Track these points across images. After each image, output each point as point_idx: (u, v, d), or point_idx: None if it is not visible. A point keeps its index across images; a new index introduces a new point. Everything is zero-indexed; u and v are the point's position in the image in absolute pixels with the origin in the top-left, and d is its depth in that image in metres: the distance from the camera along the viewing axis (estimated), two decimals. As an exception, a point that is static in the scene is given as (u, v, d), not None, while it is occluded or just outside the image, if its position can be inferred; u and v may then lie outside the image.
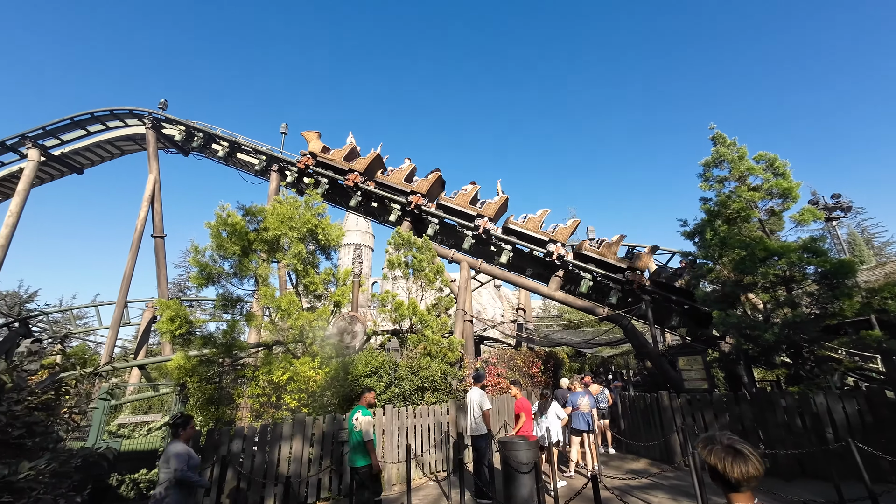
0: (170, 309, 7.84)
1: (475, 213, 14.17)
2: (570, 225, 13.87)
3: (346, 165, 15.52)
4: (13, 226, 15.95)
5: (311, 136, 16.29)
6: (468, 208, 14.29)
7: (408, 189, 14.80)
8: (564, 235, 13.56)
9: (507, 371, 12.72)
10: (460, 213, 14.47)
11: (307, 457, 6.81)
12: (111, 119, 18.00)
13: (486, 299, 52.60)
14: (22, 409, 2.94)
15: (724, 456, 1.48)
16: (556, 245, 13.26)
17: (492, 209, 14.24)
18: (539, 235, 13.67)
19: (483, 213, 14.17)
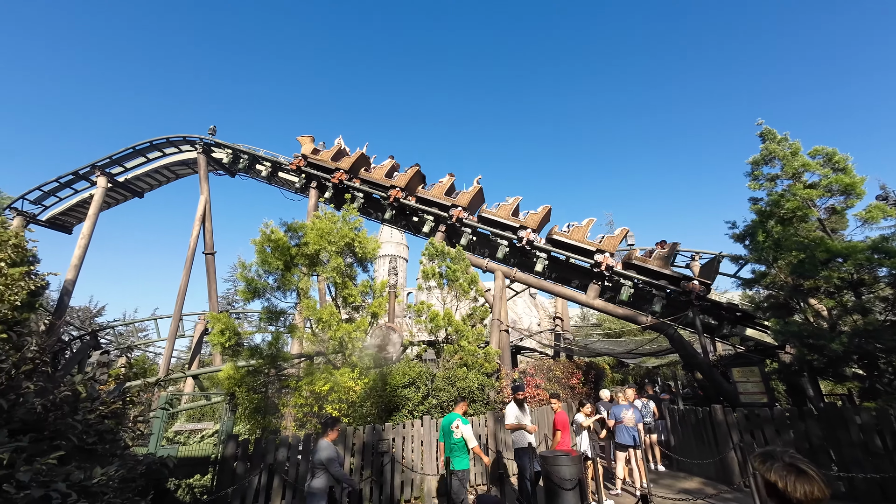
0: (220, 322, 8.30)
1: (518, 224, 14.06)
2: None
3: (333, 164, 16.55)
4: (85, 247, 17.57)
5: (304, 139, 17.51)
6: (511, 220, 14.19)
7: (449, 202, 14.88)
8: (613, 245, 13.07)
9: (545, 382, 12.40)
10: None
11: (349, 466, 6.92)
12: (167, 146, 19.55)
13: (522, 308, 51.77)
14: (94, 418, 3.21)
15: (786, 474, 1.39)
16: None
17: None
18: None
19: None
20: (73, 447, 2.90)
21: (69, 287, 16.97)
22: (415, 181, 15.89)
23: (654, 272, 12.60)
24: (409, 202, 15.41)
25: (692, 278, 12.12)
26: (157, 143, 19.32)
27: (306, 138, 17.51)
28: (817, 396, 9.34)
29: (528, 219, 14.11)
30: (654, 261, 12.95)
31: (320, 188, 16.86)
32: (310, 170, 16.94)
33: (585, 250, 13.34)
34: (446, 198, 15.05)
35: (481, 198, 15.49)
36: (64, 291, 16.99)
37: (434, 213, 15.12)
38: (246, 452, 6.33)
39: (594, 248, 13.19)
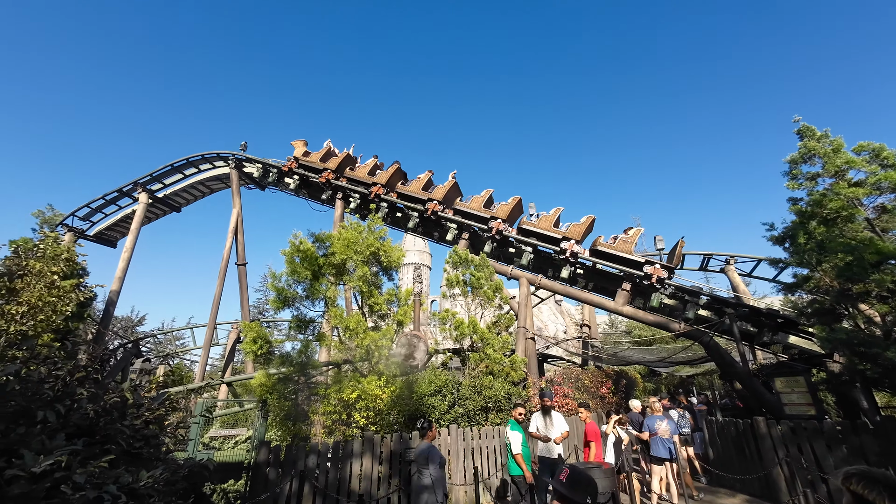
0: (252, 330, 8.58)
1: (560, 235, 13.88)
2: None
3: (321, 165, 17.73)
4: (128, 259, 18.61)
5: (297, 143, 18.88)
6: (553, 231, 14.02)
7: (488, 215, 14.85)
8: (678, 258, 12.58)
9: (573, 391, 12.12)
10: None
11: (377, 475, 6.95)
12: (202, 162, 20.54)
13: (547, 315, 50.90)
14: (140, 423, 3.39)
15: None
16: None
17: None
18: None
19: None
20: (122, 451, 3.06)
21: (114, 298, 17.97)
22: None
23: (619, 258, 12.76)
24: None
25: (654, 262, 12.21)
26: (193, 160, 20.33)
27: (299, 142, 18.81)
28: (872, 409, 8.70)
29: (571, 230, 13.78)
30: (619, 246, 13.22)
31: (345, 199, 17.26)
32: (301, 171, 18.25)
33: (634, 262, 12.93)
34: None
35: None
36: (109, 302, 18.00)
37: (458, 222, 15.17)
38: (277, 458, 6.47)
39: (643, 259, 12.85)
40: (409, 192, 16.22)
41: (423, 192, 16.04)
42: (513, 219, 15.20)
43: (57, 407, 2.96)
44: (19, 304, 8.81)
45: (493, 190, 15.76)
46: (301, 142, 18.86)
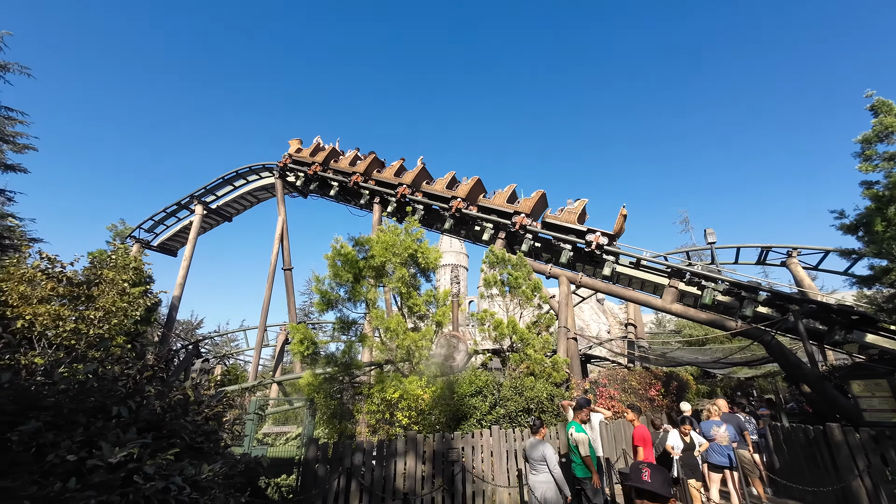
0: (299, 332, 8.96)
1: (585, 229, 13.60)
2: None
3: (310, 160, 19.52)
4: (187, 267, 20.08)
5: (293, 142, 20.82)
6: (577, 225, 13.76)
7: (511, 210, 14.81)
8: (619, 225, 12.89)
9: (620, 393, 11.64)
10: (569, 230, 13.94)
11: (420, 474, 7.03)
12: (250, 174, 21.77)
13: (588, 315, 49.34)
14: (201, 419, 3.64)
15: None
16: (594, 235, 13.01)
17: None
18: (578, 227, 13.28)
19: (594, 228, 13.52)
20: (185, 445, 3.30)
21: (175, 303, 19.45)
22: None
23: (564, 227, 13.68)
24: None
25: (596, 231, 13.15)
26: (242, 172, 21.60)
27: (295, 141, 20.89)
28: (972, 416, 7.68)
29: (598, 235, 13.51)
30: (564, 216, 13.98)
31: (382, 202, 17.64)
32: (295, 166, 20.09)
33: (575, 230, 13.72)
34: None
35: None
36: (172, 307, 19.50)
37: (494, 221, 15.06)
38: (325, 456, 6.71)
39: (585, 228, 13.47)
40: (435, 191, 16.46)
41: (447, 190, 16.27)
42: (537, 213, 15.05)
43: (129, 403, 3.25)
44: (96, 309, 9.74)
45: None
46: (296, 140, 20.92)
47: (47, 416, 3.16)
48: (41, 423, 3.03)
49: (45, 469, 2.88)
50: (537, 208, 15.00)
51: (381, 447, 7.02)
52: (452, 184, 16.68)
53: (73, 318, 9.32)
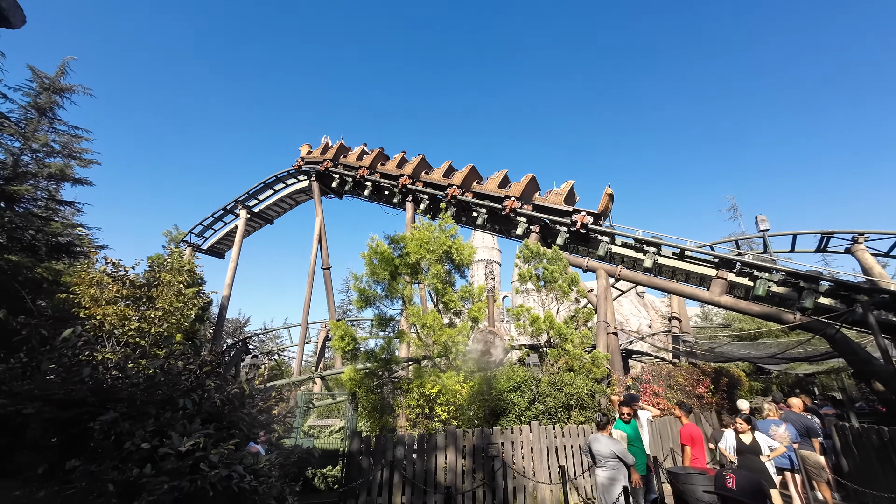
0: (340, 329, 9.27)
1: (571, 209, 14.03)
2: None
3: (321, 157, 20.81)
4: (234, 268, 21.22)
5: (303, 148, 22.31)
6: (563, 206, 14.06)
7: (570, 209, 14.49)
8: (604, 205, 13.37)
9: (664, 389, 11.19)
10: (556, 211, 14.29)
11: (461, 468, 7.10)
12: (289, 178, 22.65)
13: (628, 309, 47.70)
14: (256, 412, 3.86)
15: None
16: (580, 214, 13.50)
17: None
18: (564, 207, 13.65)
19: (580, 208, 13.96)
20: (243, 436, 3.53)
21: (225, 303, 20.63)
22: (530, 189, 15.88)
23: (551, 209, 14.16)
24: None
25: (581, 210, 13.67)
26: (281, 176, 22.51)
27: (305, 146, 22.47)
28: None
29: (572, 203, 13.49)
30: (551, 198, 14.41)
31: (415, 201, 17.83)
32: (308, 167, 21.47)
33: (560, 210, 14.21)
34: (565, 205, 14.73)
35: (535, 186, 15.61)
36: (222, 306, 20.69)
37: (528, 215, 14.85)
38: (368, 448, 6.92)
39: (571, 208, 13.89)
40: (487, 191, 16.28)
41: (499, 189, 16.04)
42: (527, 197, 15.29)
43: (193, 396, 3.51)
44: (156, 309, 10.55)
45: (506, 171, 16.09)
46: (306, 146, 22.63)
47: (122, 407, 3.47)
48: (118, 413, 3.33)
49: (123, 456, 3.17)
50: (527, 192, 15.34)
51: (422, 441, 7.15)
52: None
53: (136, 317, 10.14)
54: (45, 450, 3.47)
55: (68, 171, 13.77)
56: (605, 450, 5.18)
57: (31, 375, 3.92)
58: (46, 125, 13.82)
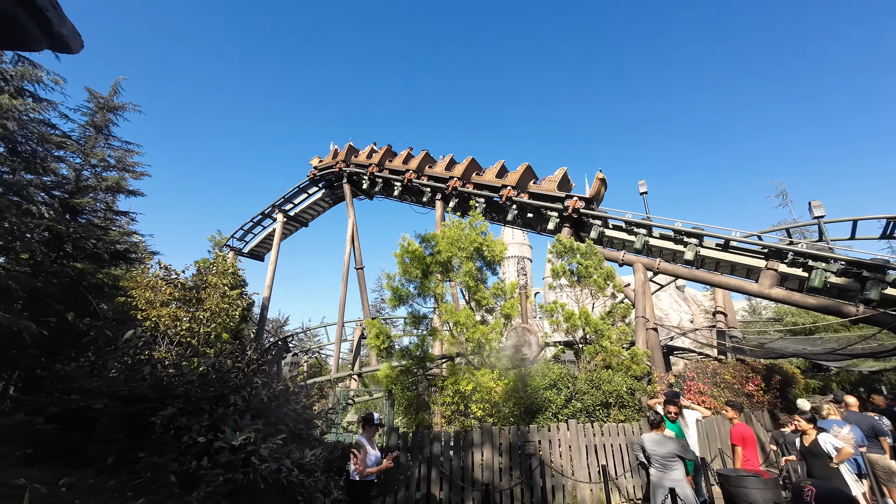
0: (374, 327, 9.47)
1: (563, 195, 14.19)
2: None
3: (332, 162, 21.87)
4: (273, 270, 22.15)
5: (314, 160, 23.27)
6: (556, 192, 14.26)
7: (563, 195, 14.53)
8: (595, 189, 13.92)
9: (710, 387, 10.67)
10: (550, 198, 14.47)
11: (497, 465, 7.09)
12: (321, 180, 23.32)
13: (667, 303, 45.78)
14: (300, 408, 4.02)
15: None
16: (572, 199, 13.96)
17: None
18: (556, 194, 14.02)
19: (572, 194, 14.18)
20: (289, 431, 3.68)
21: (266, 303, 21.56)
22: (526, 177, 15.97)
23: (545, 195, 14.55)
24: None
25: (573, 196, 13.91)
26: (315, 180, 23.21)
27: (315, 159, 23.58)
28: None
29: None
30: (545, 185, 14.76)
31: (444, 199, 17.87)
32: (321, 173, 22.50)
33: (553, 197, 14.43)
34: (497, 180, 15.74)
35: (531, 174, 15.79)
36: (263, 306, 21.65)
37: (557, 209, 14.55)
38: (406, 444, 7.03)
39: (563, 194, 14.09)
40: (485, 181, 16.65)
41: (496, 179, 16.31)
42: (523, 186, 15.41)
43: (242, 393, 3.70)
44: (204, 310, 11.18)
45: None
46: (316, 158, 23.73)
47: (179, 403, 3.71)
48: (175, 409, 3.57)
49: (182, 448, 3.40)
50: (523, 180, 15.75)
51: (458, 438, 7.19)
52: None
53: (187, 318, 10.78)
54: (114, 442, 3.77)
55: (123, 183, 14.78)
56: (661, 449, 4.91)
57: (98, 373, 4.27)
58: (102, 141, 14.90)
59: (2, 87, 10.39)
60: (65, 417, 3.86)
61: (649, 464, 4.96)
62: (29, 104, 10.45)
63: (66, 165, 13.63)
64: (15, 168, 10.64)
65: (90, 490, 2.94)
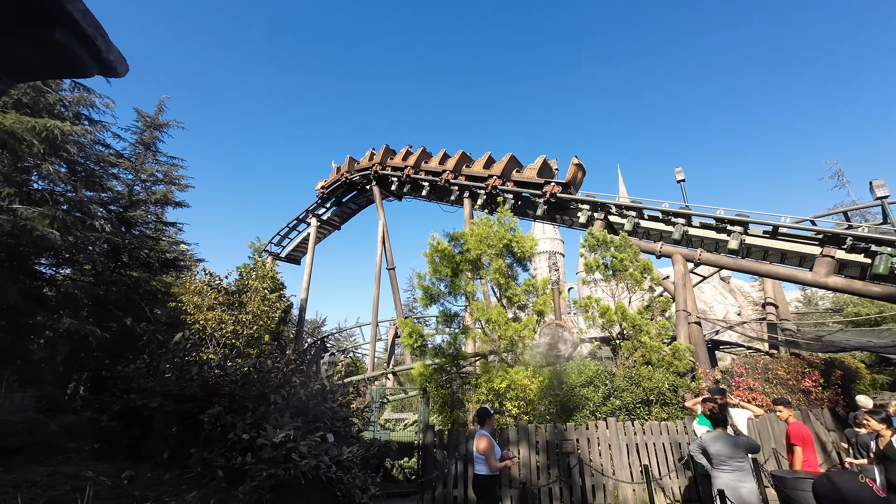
0: (407, 326, 9.59)
1: (542, 181, 14.79)
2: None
3: (369, 164, 21.57)
4: (309, 273, 22.92)
5: (335, 167, 23.79)
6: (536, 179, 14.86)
7: (542, 181, 15.28)
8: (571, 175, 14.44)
9: (761, 384, 10.04)
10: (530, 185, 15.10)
11: (534, 463, 7.01)
12: (356, 183, 23.87)
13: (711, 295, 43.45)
14: (337, 406, 4.15)
15: None
16: (549, 185, 14.75)
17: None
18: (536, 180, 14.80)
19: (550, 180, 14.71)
20: (327, 429, 3.81)
21: (304, 305, 22.34)
22: (510, 167, 16.47)
23: (526, 183, 15.32)
24: (506, 187, 16.17)
25: (551, 181, 14.67)
26: (348, 183, 23.81)
27: (335, 166, 24.09)
28: None
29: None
30: (526, 173, 15.57)
31: (472, 196, 17.82)
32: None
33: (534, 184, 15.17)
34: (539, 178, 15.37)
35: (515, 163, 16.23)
36: (301, 308, 22.45)
37: (590, 202, 14.16)
38: (442, 442, 7.09)
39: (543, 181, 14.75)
40: (474, 173, 17.18)
41: (483, 170, 16.92)
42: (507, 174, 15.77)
43: (282, 392, 3.86)
44: (246, 313, 11.73)
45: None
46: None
47: (225, 402, 3.92)
48: (221, 407, 3.77)
49: (228, 445, 3.59)
50: (507, 170, 16.40)
51: (493, 435, 7.15)
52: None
53: (231, 321, 11.34)
54: (168, 438, 4.05)
55: (170, 196, 15.80)
56: (724, 448, 4.52)
57: (153, 374, 4.58)
58: (150, 157, 15.98)
59: (63, 113, 11.35)
60: (125, 415, 4.17)
61: (712, 466, 4.59)
62: (86, 128, 11.36)
63: (120, 181, 14.71)
64: (76, 187, 11.60)
65: (149, 483, 3.17)
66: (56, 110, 11.04)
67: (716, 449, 4.54)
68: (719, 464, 4.51)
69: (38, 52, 2.61)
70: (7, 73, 2.69)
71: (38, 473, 2.81)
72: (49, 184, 11.11)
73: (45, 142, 9.66)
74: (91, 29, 2.55)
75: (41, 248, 10.24)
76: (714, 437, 4.66)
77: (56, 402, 8.19)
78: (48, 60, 2.73)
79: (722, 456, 4.47)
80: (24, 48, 2.58)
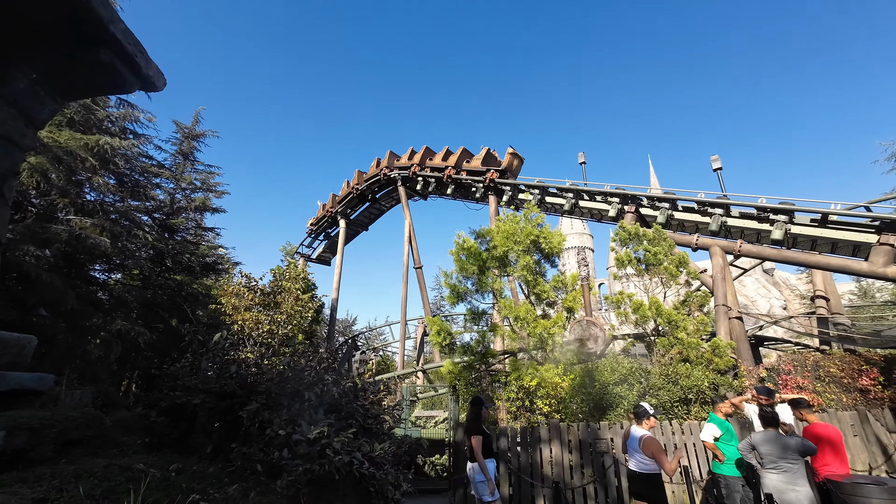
0: (436, 325, 9.64)
1: (484, 169, 16.39)
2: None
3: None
4: (339, 273, 23.48)
5: (322, 205, 25.33)
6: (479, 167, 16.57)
7: (485, 169, 16.76)
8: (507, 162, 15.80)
9: (811, 382, 9.43)
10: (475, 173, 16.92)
11: (567, 462, 6.89)
12: (376, 184, 24.22)
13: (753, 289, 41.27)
14: (368, 404, 4.23)
15: None
16: (489, 172, 15.69)
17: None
18: (479, 168, 16.14)
19: (490, 167, 16.76)
20: (359, 426, 3.89)
21: (335, 304, 22.92)
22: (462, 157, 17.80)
23: (472, 171, 17.37)
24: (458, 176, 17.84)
25: (490, 169, 16.82)
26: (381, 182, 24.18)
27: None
28: None
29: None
30: (473, 162, 17.68)
31: (497, 193, 17.70)
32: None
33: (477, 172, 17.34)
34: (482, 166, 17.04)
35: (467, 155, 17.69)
36: (332, 308, 23.03)
37: (620, 195, 13.75)
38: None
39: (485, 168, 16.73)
40: (434, 164, 18.97)
41: (441, 161, 18.48)
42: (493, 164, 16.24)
43: (315, 390, 3.98)
44: (281, 313, 12.16)
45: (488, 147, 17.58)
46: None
47: (262, 399, 4.08)
48: (259, 404, 3.93)
49: (266, 440, 3.73)
50: (460, 161, 18.20)
51: (525, 434, 7.09)
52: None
53: (266, 321, 11.78)
54: (211, 433, 4.26)
55: (208, 202, 16.60)
56: (774, 449, 4.29)
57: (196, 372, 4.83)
58: (189, 167, 16.83)
59: (111, 129, 12.14)
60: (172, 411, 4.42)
61: (762, 466, 4.38)
62: (131, 142, 12.10)
63: (162, 190, 15.58)
64: (124, 197, 12.39)
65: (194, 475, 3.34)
66: (104, 126, 11.81)
67: (766, 449, 4.33)
68: (769, 464, 4.29)
69: (85, 71, 2.80)
70: (59, 93, 2.90)
71: (96, 465, 3.03)
72: (99, 195, 11.91)
73: (97, 157, 10.37)
74: (132, 47, 2.70)
75: (94, 255, 11.01)
76: (764, 437, 4.44)
77: (111, 399, 8.81)
78: (93, 79, 2.93)
79: (772, 456, 4.26)
80: (72, 69, 2.78)
